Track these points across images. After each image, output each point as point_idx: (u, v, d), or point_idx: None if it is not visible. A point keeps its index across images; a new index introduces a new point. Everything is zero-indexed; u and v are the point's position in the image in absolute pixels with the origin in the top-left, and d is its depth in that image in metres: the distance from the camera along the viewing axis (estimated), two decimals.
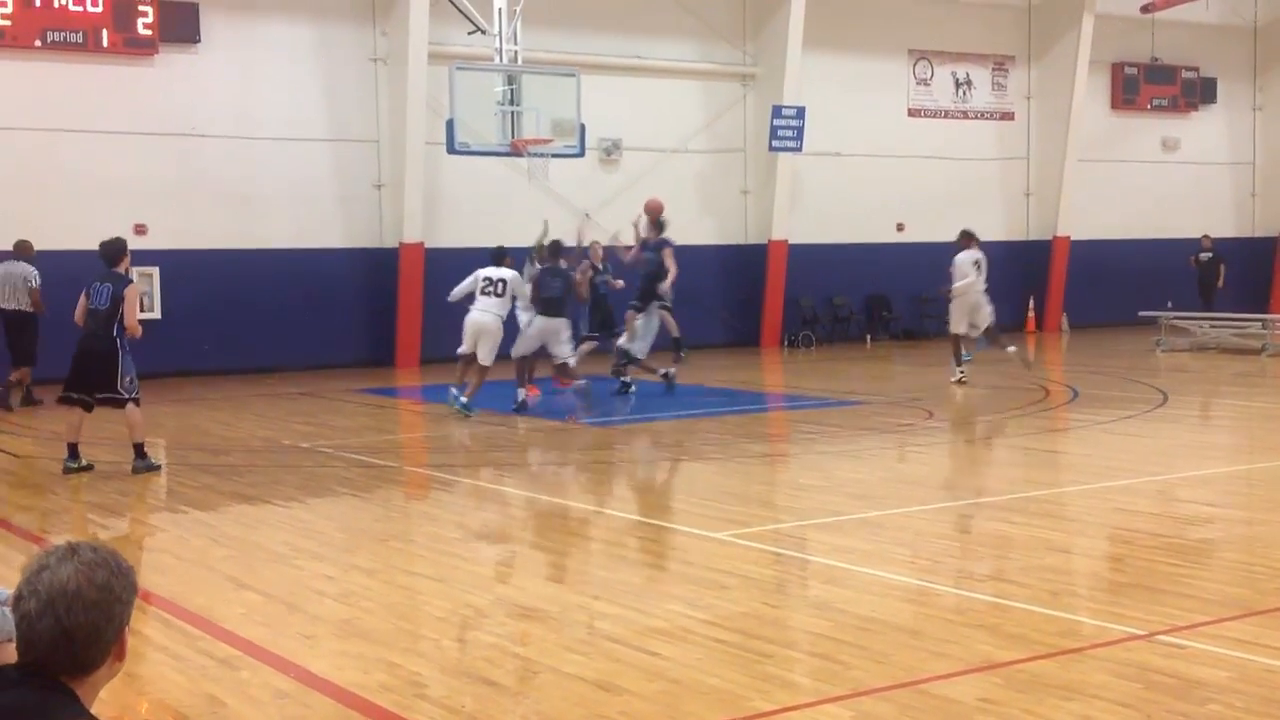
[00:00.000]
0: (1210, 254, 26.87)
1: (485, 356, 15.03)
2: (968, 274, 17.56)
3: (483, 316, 15.15)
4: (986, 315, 17.72)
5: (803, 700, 5.32)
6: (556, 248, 15.79)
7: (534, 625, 6.55)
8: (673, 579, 7.45)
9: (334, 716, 5.34)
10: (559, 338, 15.29)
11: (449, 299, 15.69)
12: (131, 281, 11.44)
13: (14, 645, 2.62)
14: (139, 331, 11.26)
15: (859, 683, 5.49)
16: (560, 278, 15.35)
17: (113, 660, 2.61)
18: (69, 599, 2.51)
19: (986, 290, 17.75)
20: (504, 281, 15.26)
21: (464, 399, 14.89)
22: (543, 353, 15.74)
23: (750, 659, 5.87)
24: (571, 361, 15.54)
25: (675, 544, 8.51)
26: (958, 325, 17.71)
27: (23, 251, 16.46)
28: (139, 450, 11.37)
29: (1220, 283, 26.68)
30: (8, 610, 2.69)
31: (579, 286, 16.18)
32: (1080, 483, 10.67)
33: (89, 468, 11.41)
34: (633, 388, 16.72)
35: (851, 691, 5.38)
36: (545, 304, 15.20)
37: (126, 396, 11.28)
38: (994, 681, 5.44)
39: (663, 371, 16.83)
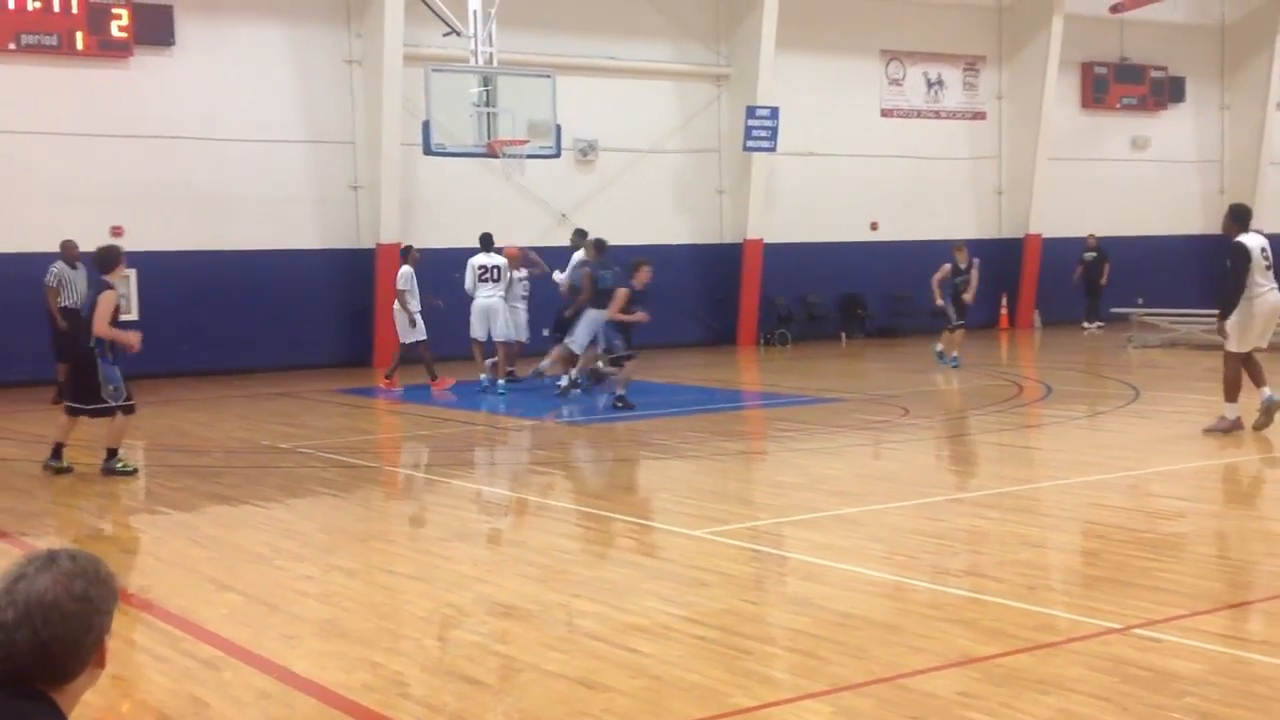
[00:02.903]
0: (1095, 253, 26.90)
1: (500, 333, 17.14)
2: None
3: (488, 301, 17.21)
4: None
5: (783, 696, 5.37)
6: (603, 244, 17.08)
7: (515, 624, 6.58)
8: (652, 576, 7.50)
9: (317, 716, 5.36)
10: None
11: (469, 292, 17.36)
12: (109, 288, 11.28)
13: None
14: (107, 336, 11.06)
15: (838, 678, 5.54)
16: (610, 270, 16.41)
17: (92, 668, 2.57)
18: (46, 610, 2.46)
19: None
20: (498, 267, 17.29)
21: (500, 381, 16.96)
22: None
23: (730, 655, 5.92)
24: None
25: (654, 542, 8.56)
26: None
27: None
28: (111, 453, 11.37)
29: (1104, 281, 26.67)
30: None
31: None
32: (1054, 478, 10.78)
33: (68, 469, 11.38)
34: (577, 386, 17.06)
35: (831, 687, 5.43)
36: (599, 296, 16.26)
37: (112, 405, 11.20)
38: (972, 676, 5.51)
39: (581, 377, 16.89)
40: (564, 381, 16.53)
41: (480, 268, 17.26)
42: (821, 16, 25.23)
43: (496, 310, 17.13)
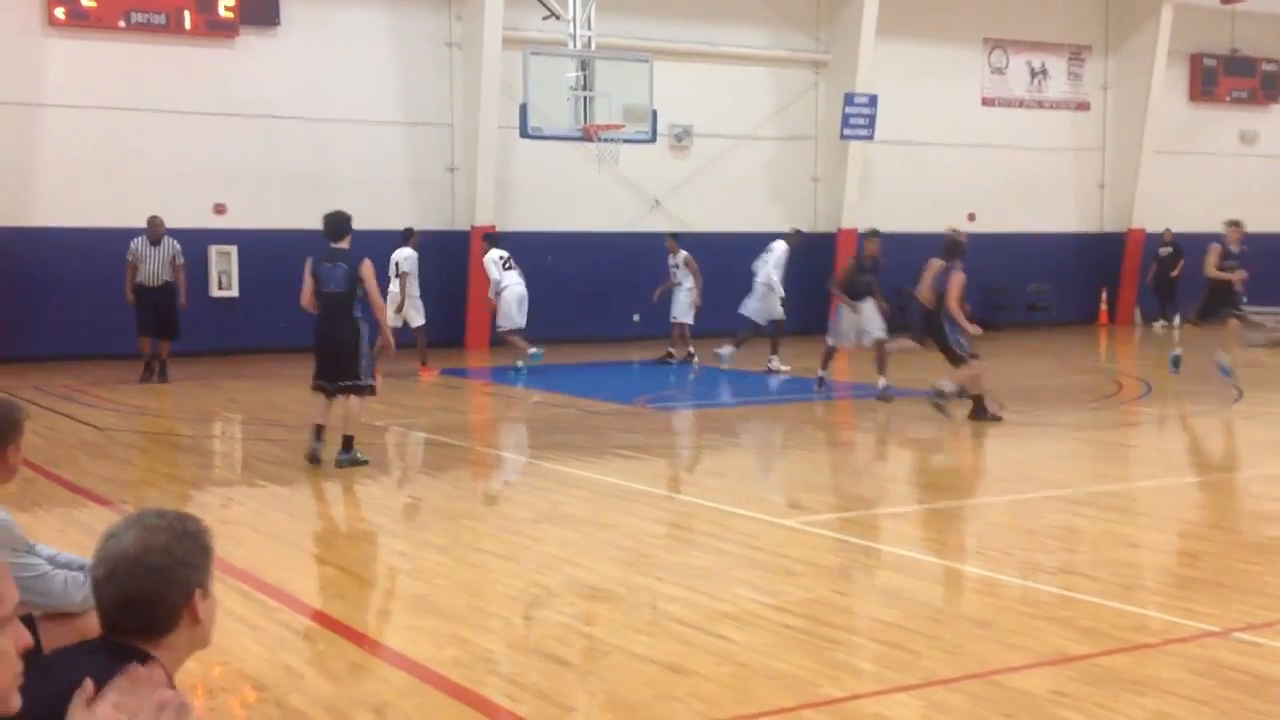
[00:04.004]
0: (1170, 249, 26.13)
1: (523, 319, 17.36)
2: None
3: (522, 289, 17.48)
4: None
5: (873, 688, 5.34)
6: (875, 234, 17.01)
7: (602, 606, 6.61)
8: (740, 563, 7.48)
9: (408, 690, 5.42)
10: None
11: (498, 291, 17.54)
12: (366, 257, 10.62)
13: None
14: (385, 309, 10.48)
15: (930, 672, 5.49)
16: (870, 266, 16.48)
17: (190, 623, 2.61)
18: (129, 564, 2.55)
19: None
20: (511, 255, 17.73)
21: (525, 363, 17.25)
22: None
23: (819, 645, 5.89)
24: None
25: (742, 529, 8.53)
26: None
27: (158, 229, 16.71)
28: (347, 443, 10.57)
29: (1176, 274, 25.71)
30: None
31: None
32: (1153, 477, 10.58)
33: (363, 461, 10.70)
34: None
35: (922, 681, 5.38)
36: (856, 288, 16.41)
37: (365, 383, 10.68)
38: (1066, 675, 5.42)
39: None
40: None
41: (502, 258, 17.57)
42: (923, 3, 24.91)
43: (525, 297, 17.50)
